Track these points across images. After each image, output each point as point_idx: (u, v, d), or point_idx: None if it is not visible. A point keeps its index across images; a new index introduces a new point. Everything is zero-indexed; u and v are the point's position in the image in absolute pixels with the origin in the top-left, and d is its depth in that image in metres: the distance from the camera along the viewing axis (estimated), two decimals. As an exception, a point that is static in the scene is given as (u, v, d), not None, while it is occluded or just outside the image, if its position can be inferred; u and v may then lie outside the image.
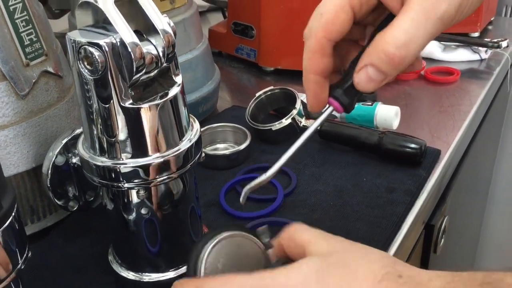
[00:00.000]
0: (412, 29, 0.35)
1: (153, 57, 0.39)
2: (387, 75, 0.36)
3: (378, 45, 0.35)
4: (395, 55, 0.35)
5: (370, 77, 0.36)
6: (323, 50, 0.38)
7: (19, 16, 0.49)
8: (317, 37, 0.38)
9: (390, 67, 0.35)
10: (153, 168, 0.41)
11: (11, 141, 0.50)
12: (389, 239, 0.55)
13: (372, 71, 0.36)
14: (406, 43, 0.35)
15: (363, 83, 0.37)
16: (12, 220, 0.34)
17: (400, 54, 0.35)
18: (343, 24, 0.38)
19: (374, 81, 0.36)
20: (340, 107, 0.40)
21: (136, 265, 0.47)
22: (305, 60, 0.40)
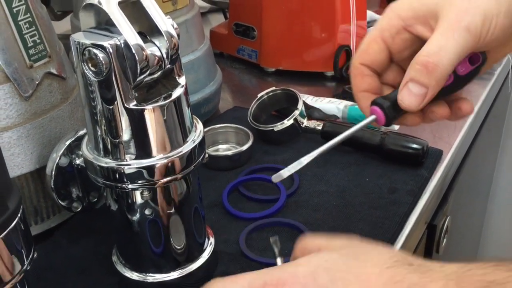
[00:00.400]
0: (442, 40, 0.39)
1: (157, 58, 0.39)
2: (427, 86, 0.40)
3: (413, 61, 0.40)
4: (428, 62, 0.39)
5: (411, 91, 0.40)
6: (361, 72, 0.45)
7: (22, 18, 0.49)
8: (354, 64, 0.45)
9: (426, 76, 0.39)
10: (157, 169, 0.41)
11: (15, 143, 0.50)
12: (391, 239, 0.55)
13: (412, 85, 0.40)
14: (437, 51, 0.39)
15: (406, 98, 0.41)
16: (18, 221, 0.34)
17: (432, 61, 0.39)
18: (374, 52, 0.45)
19: (415, 95, 0.40)
20: (382, 115, 0.42)
21: (140, 265, 0.47)
22: (352, 84, 0.46)
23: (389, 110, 0.42)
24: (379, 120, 0.43)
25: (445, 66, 0.39)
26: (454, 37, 0.39)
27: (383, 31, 0.44)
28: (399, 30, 0.43)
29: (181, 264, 0.47)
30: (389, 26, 0.43)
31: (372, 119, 0.43)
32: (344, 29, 0.90)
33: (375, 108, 0.43)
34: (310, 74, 0.93)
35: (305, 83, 0.91)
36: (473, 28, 0.38)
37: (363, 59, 0.45)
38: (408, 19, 0.42)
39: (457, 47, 0.39)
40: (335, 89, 0.90)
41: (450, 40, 0.39)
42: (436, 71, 0.39)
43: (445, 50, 0.39)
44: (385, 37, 0.44)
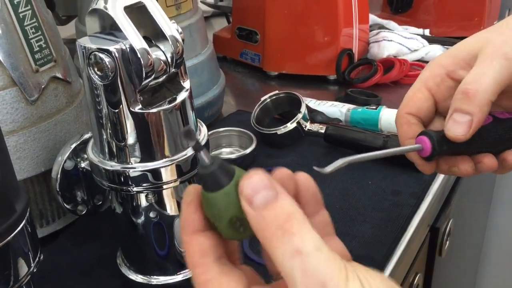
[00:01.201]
0: (480, 68, 0.41)
1: (162, 63, 0.40)
2: (470, 113, 0.40)
3: (456, 92, 0.41)
4: (468, 89, 0.40)
5: (455, 120, 0.41)
6: (408, 121, 0.45)
7: (28, 23, 0.50)
8: (400, 113, 0.46)
9: (468, 103, 0.40)
10: (162, 173, 0.42)
11: (21, 146, 0.50)
12: (394, 241, 0.55)
13: (457, 115, 0.41)
14: (476, 78, 0.40)
15: (452, 128, 0.41)
16: (25, 223, 0.35)
17: (472, 87, 0.40)
18: (420, 101, 0.45)
19: (460, 123, 0.41)
20: (429, 145, 0.42)
21: (145, 268, 0.48)
22: (398, 133, 0.47)
23: (436, 142, 0.42)
24: (425, 150, 0.42)
25: (484, 92, 0.40)
26: (492, 64, 0.40)
27: (426, 81, 0.45)
28: (442, 78, 0.44)
29: (185, 267, 0.48)
30: (432, 75, 0.45)
31: (417, 147, 0.43)
32: (347, 33, 0.90)
33: (423, 138, 0.42)
34: (313, 78, 0.93)
35: (308, 87, 0.92)
36: (510, 55, 0.40)
37: (409, 108, 0.45)
38: (449, 66, 0.44)
39: (496, 73, 0.40)
40: (337, 92, 0.91)
41: (488, 67, 0.40)
42: (476, 97, 0.40)
43: (484, 76, 0.40)
44: (430, 86, 0.45)
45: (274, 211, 0.29)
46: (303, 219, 0.29)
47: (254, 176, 0.29)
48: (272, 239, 0.29)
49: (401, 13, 1.11)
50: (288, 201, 0.30)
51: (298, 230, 0.29)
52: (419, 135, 0.43)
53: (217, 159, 0.31)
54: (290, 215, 0.29)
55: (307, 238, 0.29)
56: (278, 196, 0.29)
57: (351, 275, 0.29)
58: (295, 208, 0.30)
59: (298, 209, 0.30)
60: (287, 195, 0.30)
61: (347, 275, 0.29)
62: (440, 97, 0.45)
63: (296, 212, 0.30)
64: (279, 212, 0.29)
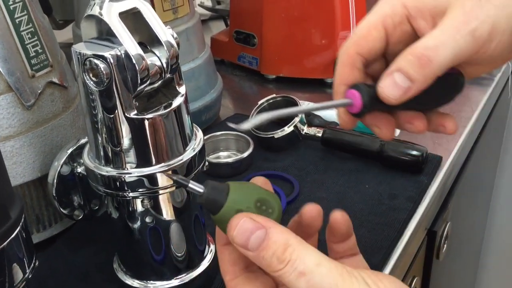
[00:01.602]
0: (442, 37, 0.36)
1: (157, 68, 0.40)
2: (413, 80, 0.36)
3: (407, 51, 0.36)
4: (423, 54, 0.35)
5: (396, 81, 0.36)
6: (353, 63, 0.40)
7: (24, 28, 0.50)
8: (349, 52, 0.40)
9: (416, 69, 0.36)
10: (158, 178, 0.42)
11: (17, 151, 0.50)
12: (391, 245, 0.55)
13: (399, 76, 0.36)
14: (435, 46, 0.35)
15: (388, 88, 0.37)
16: (20, 229, 0.35)
17: (428, 55, 0.35)
18: (374, 40, 0.39)
19: (398, 87, 0.36)
20: (359, 101, 0.38)
21: (141, 273, 0.48)
22: (336, 74, 0.41)
23: (368, 99, 0.37)
24: (354, 105, 0.38)
25: (439, 64, 0.36)
26: (456, 38, 0.35)
27: (386, 17, 0.39)
28: (402, 19, 0.39)
29: (181, 272, 0.48)
30: (392, 13, 0.39)
31: (346, 102, 0.38)
32: (344, 36, 0.91)
33: (353, 92, 0.38)
34: (311, 81, 0.93)
35: (306, 90, 0.92)
36: (478, 35, 0.36)
37: (361, 48, 0.39)
38: (412, 10, 0.38)
39: (456, 48, 0.36)
40: (335, 95, 0.90)
41: (451, 39, 0.35)
42: (428, 67, 0.35)
43: (444, 48, 0.35)
44: (387, 25, 0.39)
45: (270, 249, 0.32)
46: (298, 243, 0.32)
47: (240, 223, 0.32)
48: (277, 271, 0.31)
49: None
50: (278, 233, 0.32)
51: (297, 255, 0.31)
52: (350, 88, 0.39)
53: (207, 184, 0.33)
54: (285, 245, 0.32)
55: (306, 259, 0.31)
56: (268, 232, 0.32)
57: (356, 278, 0.31)
58: (287, 235, 0.33)
59: (290, 235, 0.33)
60: (276, 226, 0.33)
61: (352, 279, 0.30)
62: (392, 39, 0.40)
63: (289, 239, 0.32)
64: (274, 247, 0.32)
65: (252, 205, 0.33)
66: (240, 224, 0.32)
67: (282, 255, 0.31)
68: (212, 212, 0.34)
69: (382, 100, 0.37)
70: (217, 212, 0.34)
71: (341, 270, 0.31)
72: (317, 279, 0.31)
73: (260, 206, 0.34)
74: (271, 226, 0.32)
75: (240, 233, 0.32)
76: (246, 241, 0.32)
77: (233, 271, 0.36)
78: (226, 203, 0.33)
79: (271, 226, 0.32)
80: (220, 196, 0.34)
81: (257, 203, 0.34)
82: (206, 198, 0.34)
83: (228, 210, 0.33)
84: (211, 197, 0.34)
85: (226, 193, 0.34)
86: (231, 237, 0.32)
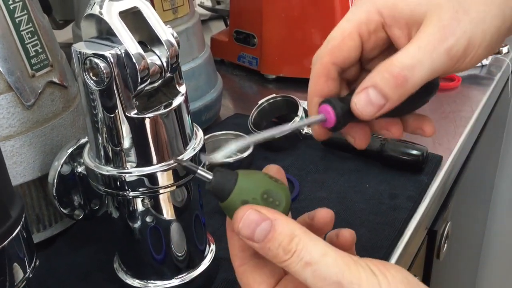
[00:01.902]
0: (419, 55, 0.35)
1: (157, 67, 0.40)
2: (388, 99, 0.35)
3: (382, 67, 0.35)
4: (399, 74, 0.34)
5: (370, 99, 0.35)
6: (328, 74, 0.39)
7: (24, 28, 0.50)
8: (323, 62, 0.39)
9: (392, 88, 0.35)
10: (158, 177, 0.42)
11: (17, 151, 0.50)
12: (392, 245, 0.55)
13: (373, 93, 0.35)
14: (412, 65, 0.34)
15: (361, 105, 0.36)
16: (21, 229, 0.35)
17: (404, 74, 0.34)
18: (349, 50, 0.38)
19: (373, 104, 0.35)
20: (333, 116, 0.37)
21: (141, 273, 0.48)
22: (310, 84, 0.40)
23: (342, 114, 0.37)
24: (328, 121, 0.37)
25: (414, 83, 0.35)
26: (432, 56, 0.34)
27: (360, 25, 0.37)
28: (377, 27, 0.38)
29: (182, 271, 0.48)
30: (367, 20, 0.37)
31: (320, 118, 0.38)
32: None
33: (327, 108, 0.37)
34: (310, 81, 0.93)
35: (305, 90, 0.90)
36: (453, 53, 0.35)
37: (336, 58, 0.38)
38: (388, 18, 0.37)
39: (432, 67, 0.35)
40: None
41: (427, 58, 0.34)
42: (403, 87, 0.35)
43: (420, 67, 0.34)
44: (362, 33, 0.38)
45: (275, 240, 0.32)
46: (303, 233, 0.32)
47: (245, 215, 0.33)
48: (283, 261, 0.32)
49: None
50: (284, 224, 0.33)
51: (302, 245, 0.32)
52: (323, 102, 0.38)
53: (216, 172, 0.34)
54: (291, 236, 0.32)
55: (312, 249, 0.32)
56: (273, 224, 0.33)
57: (362, 268, 0.31)
58: (292, 226, 0.33)
59: (295, 226, 0.33)
60: (281, 217, 0.33)
61: (358, 268, 0.31)
62: (367, 46, 0.38)
63: (295, 230, 0.32)
64: (280, 238, 0.32)
65: (258, 197, 0.34)
66: (245, 216, 0.33)
67: (288, 245, 0.32)
68: (219, 200, 0.34)
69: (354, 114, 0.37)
70: (224, 200, 0.34)
71: (347, 259, 0.31)
72: (323, 269, 0.31)
73: (267, 198, 0.34)
74: (277, 217, 0.33)
75: (245, 225, 0.32)
76: (251, 233, 0.32)
77: (242, 257, 0.36)
78: (233, 192, 0.34)
79: (276, 217, 0.33)
80: (228, 185, 0.34)
81: (264, 195, 0.34)
82: (214, 185, 0.34)
83: (234, 199, 0.34)
84: (219, 186, 0.34)
85: (234, 181, 0.34)
86: (237, 229, 0.33)
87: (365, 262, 0.32)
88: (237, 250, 0.37)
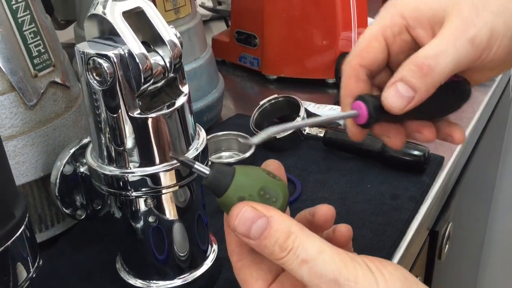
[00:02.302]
0: (442, 45, 0.36)
1: (160, 67, 0.40)
2: (416, 89, 0.36)
3: (409, 61, 0.37)
4: (424, 63, 0.36)
5: (399, 91, 0.37)
6: (357, 75, 0.40)
7: (27, 28, 0.50)
8: (352, 64, 0.40)
9: (418, 79, 0.36)
10: (161, 177, 0.42)
11: (20, 151, 0.51)
12: (393, 245, 0.55)
13: (402, 86, 0.36)
14: (435, 55, 0.36)
15: (391, 98, 0.37)
16: (24, 228, 0.35)
17: (429, 64, 0.36)
18: (376, 51, 0.40)
19: (402, 96, 0.37)
20: (365, 112, 0.38)
21: (144, 273, 0.48)
22: (342, 86, 0.41)
23: (374, 109, 0.38)
24: (361, 117, 0.38)
25: (440, 72, 0.36)
26: (456, 45, 0.36)
27: (385, 28, 0.39)
28: (401, 30, 0.39)
29: (184, 271, 0.48)
30: (391, 24, 0.39)
31: (352, 113, 0.39)
32: (345, 36, 0.91)
33: (359, 103, 0.38)
34: (312, 81, 0.93)
35: (307, 90, 0.92)
36: (477, 42, 0.36)
37: (363, 59, 0.40)
38: (411, 20, 0.39)
39: (456, 56, 0.36)
40: (336, 96, 0.91)
41: (451, 47, 0.36)
42: (429, 75, 0.36)
43: (444, 56, 0.36)
44: (387, 36, 0.40)
45: (271, 237, 0.32)
46: (300, 230, 0.32)
47: (241, 212, 0.33)
48: (279, 259, 0.32)
49: (399, 16, 1.11)
50: (280, 221, 0.33)
51: (299, 242, 0.32)
52: (356, 99, 0.39)
53: (213, 167, 0.33)
54: (287, 233, 0.32)
55: (308, 246, 0.32)
56: (269, 221, 0.32)
57: (359, 265, 0.31)
58: (288, 223, 0.33)
59: (292, 223, 0.33)
60: (278, 214, 0.33)
61: (355, 265, 0.31)
62: (394, 49, 0.40)
63: (291, 226, 0.32)
64: (276, 235, 0.32)
65: (255, 193, 0.33)
66: (241, 213, 0.32)
67: (284, 243, 0.32)
68: (216, 195, 0.34)
69: (385, 109, 0.38)
70: (220, 195, 0.34)
71: (344, 256, 0.31)
72: (320, 267, 0.31)
73: (264, 194, 0.34)
74: (273, 214, 0.32)
75: (241, 222, 0.32)
76: (247, 230, 0.32)
77: (240, 252, 0.36)
78: (229, 188, 0.34)
79: (272, 214, 0.32)
80: (225, 180, 0.34)
81: (261, 191, 0.34)
82: (210, 181, 0.34)
83: (231, 195, 0.34)
84: (216, 181, 0.34)
85: (231, 177, 0.34)
86: (233, 227, 0.33)
87: (362, 259, 0.32)
88: (235, 245, 0.36)
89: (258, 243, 0.32)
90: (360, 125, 0.39)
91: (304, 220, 0.39)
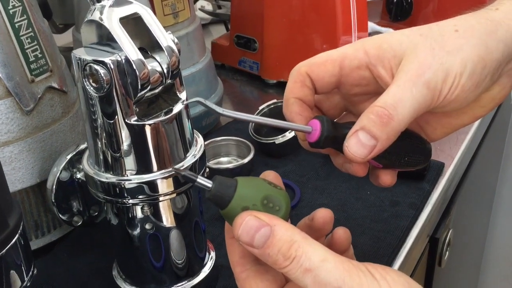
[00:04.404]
0: (399, 93, 0.36)
1: (157, 74, 0.39)
2: (377, 138, 0.36)
3: (368, 110, 0.37)
4: (383, 113, 0.36)
5: (360, 140, 0.37)
6: (303, 81, 0.41)
7: (24, 33, 0.49)
8: (301, 70, 0.41)
9: (379, 128, 0.36)
10: (158, 184, 0.41)
11: (16, 157, 0.50)
12: (393, 253, 0.55)
13: (362, 134, 0.37)
14: (394, 103, 0.36)
15: (353, 147, 0.37)
16: (19, 237, 0.34)
17: (388, 113, 0.36)
18: (325, 72, 0.41)
19: (363, 146, 0.37)
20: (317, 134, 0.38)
21: (140, 280, 0.47)
22: (287, 87, 0.42)
23: (325, 136, 0.38)
24: (311, 135, 0.39)
25: (399, 121, 0.36)
26: (412, 92, 0.36)
27: (345, 58, 0.40)
28: (361, 65, 0.40)
29: (181, 279, 0.47)
30: (353, 57, 0.40)
31: (305, 129, 0.40)
32: (345, 41, 0.90)
33: (316, 123, 0.39)
34: (312, 86, 0.93)
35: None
36: (433, 85, 0.36)
37: (311, 71, 0.41)
38: (373, 58, 0.39)
39: (414, 103, 0.36)
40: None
41: (408, 94, 0.36)
42: (389, 125, 0.36)
43: (402, 105, 0.36)
44: (344, 66, 0.40)
45: (275, 246, 0.32)
46: (303, 239, 0.32)
47: (245, 222, 0.33)
48: (283, 268, 0.32)
49: (400, 20, 1.11)
50: (283, 230, 0.33)
51: (302, 251, 0.32)
52: (315, 117, 0.40)
53: (215, 180, 0.34)
54: (291, 242, 0.32)
55: (311, 255, 0.32)
56: (273, 230, 0.33)
57: (363, 272, 0.31)
58: (291, 232, 0.33)
59: (295, 232, 0.33)
60: (281, 222, 0.33)
61: (358, 273, 0.31)
62: (348, 81, 0.41)
63: (294, 235, 0.32)
64: (280, 244, 0.32)
65: (259, 203, 0.34)
66: (245, 223, 0.33)
67: (287, 252, 0.32)
68: (219, 207, 0.35)
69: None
70: (224, 207, 0.34)
71: (347, 264, 0.32)
72: (323, 275, 0.31)
73: (267, 203, 0.34)
74: (276, 223, 0.33)
75: (245, 231, 0.33)
76: (251, 239, 0.32)
77: (243, 263, 0.37)
78: (233, 199, 0.34)
79: (276, 223, 0.33)
80: (228, 192, 0.34)
81: (264, 201, 0.34)
82: (214, 193, 0.34)
83: (235, 206, 0.34)
84: (219, 193, 0.34)
85: (233, 189, 0.34)
86: (237, 236, 0.33)
87: (365, 266, 0.32)
88: (238, 256, 0.37)
89: (261, 252, 0.32)
90: (309, 143, 0.40)
91: (304, 226, 0.39)
